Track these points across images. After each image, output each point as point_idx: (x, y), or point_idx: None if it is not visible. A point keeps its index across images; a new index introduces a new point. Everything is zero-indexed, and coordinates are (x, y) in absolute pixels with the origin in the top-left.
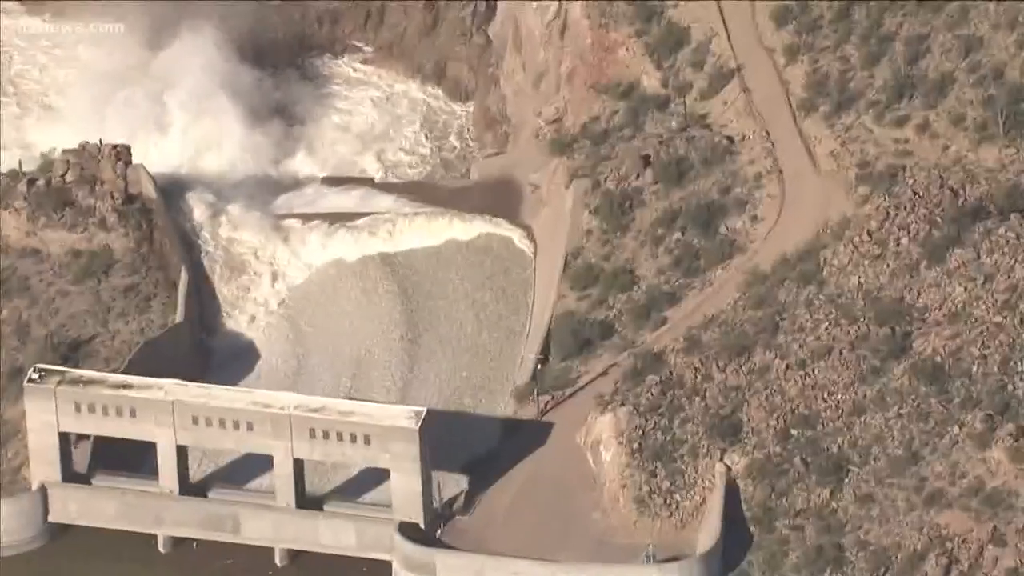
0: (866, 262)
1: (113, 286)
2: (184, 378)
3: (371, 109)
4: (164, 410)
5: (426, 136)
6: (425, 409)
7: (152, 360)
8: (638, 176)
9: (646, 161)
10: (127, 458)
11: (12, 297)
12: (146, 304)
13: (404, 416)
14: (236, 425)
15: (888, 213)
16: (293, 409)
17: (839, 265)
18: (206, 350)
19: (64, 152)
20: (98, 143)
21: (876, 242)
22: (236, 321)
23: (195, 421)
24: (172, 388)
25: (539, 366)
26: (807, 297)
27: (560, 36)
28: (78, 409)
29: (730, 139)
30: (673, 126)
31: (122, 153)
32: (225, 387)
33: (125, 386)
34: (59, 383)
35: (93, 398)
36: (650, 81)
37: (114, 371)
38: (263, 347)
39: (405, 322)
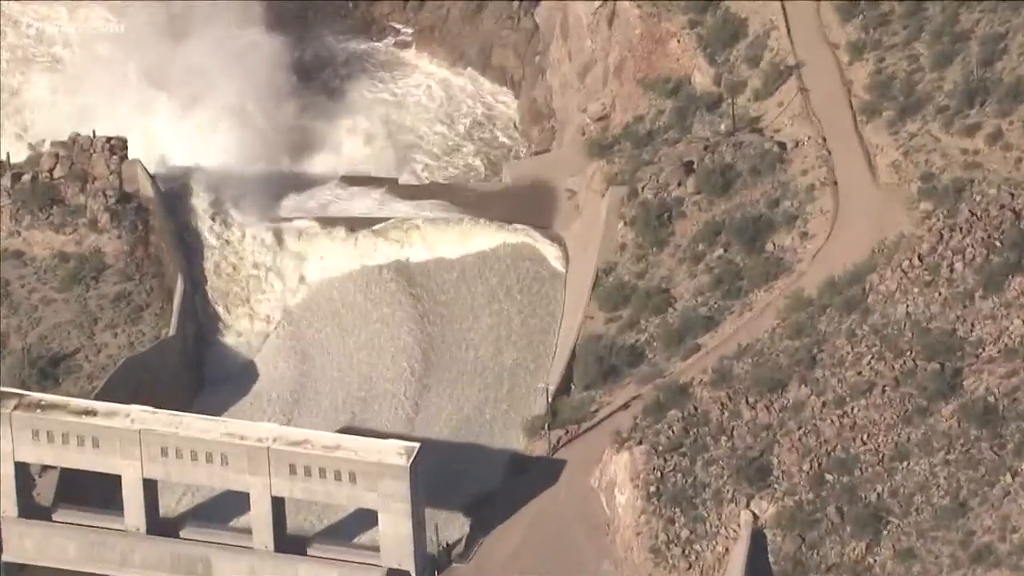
0: (915, 289)
1: (102, 294)
2: (173, 399)
3: (406, 99)
4: (130, 440)
5: (466, 130)
6: (418, 445)
7: (136, 379)
8: (679, 185)
9: (688, 168)
10: (97, 491)
11: None
12: (138, 315)
13: (394, 452)
14: (209, 458)
15: (941, 235)
16: (272, 442)
17: (886, 292)
18: (199, 368)
19: (53, 144)
20: (91, 135)
21: (927, 267)
22: (234, 336)
23: (164, 453)
24: (139, 415)
25: (548, 397)
26: (849, 327)
27: (608, 25)
28: (36, 437)
29: (782, 146)
30: (722, 129)
31: (117, 146)
32: (198, 415)
33: (88, 412)
34: (15, 407)
35: (52, 425)
36: (701, 78)
37: (95, 389)
38: (262, 366)
39: (418, 341)
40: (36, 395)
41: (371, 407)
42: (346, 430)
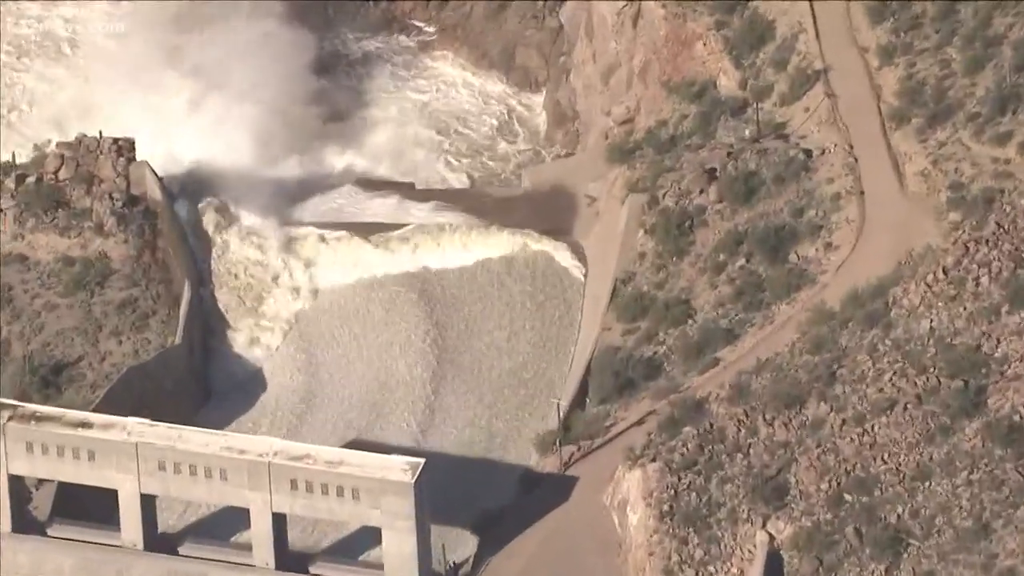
0: (940, 304)
1: (107, 300)
2: (177, 410)
3: (426, 100)
4: (127, 453)
5: (488, 132)
6: (422, 461)
7: (138, 389)
8: (701, 192)
9: (711, 176)
10: (96, 505)
11: None
12: (143, 322)
13: (398, 468)
14: (208, 473)
15: (967, 248)
16: (273, 456)
17: (909, 306)
18: (205, 378)
19: (58, 145)
20: (97, 135)
21: (952, 281)
22: (243, 345)
23: (162, 467)
24: (137, 428)
25: (560, 412)
26: (871, 342)
27: (633, 25)
28: (30, 449)
29: (808, 153)
30: (746, 135)
31: (124, 147)
32: (197, 429)
33: (84, 424)
34: (9, 419)
35: (46, 437)
36: (727, 81)
37: (98, 399)
38: (270, 375)
39: (431, 351)
40: (31, 406)
41: (381, 419)
42: (355, 442)
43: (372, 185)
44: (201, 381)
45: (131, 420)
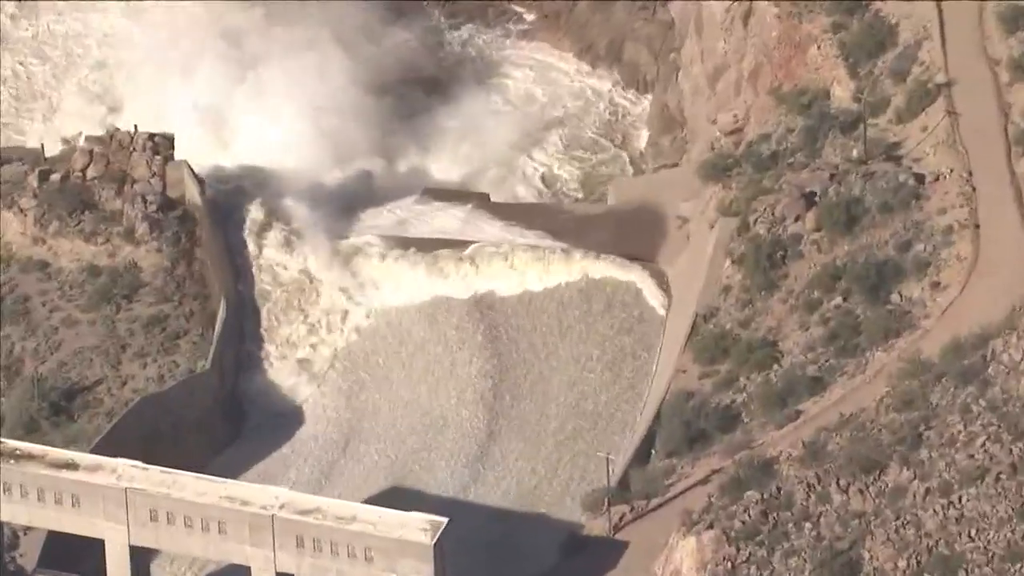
0: None
1: (134, 316)
2: (199, 447)
3: (520, 98)
4: (115, 500)
5: (589, 137)
6: (445, 520)
7: (152, 424)
8: (797, 219)
9: (809, 200)
10: (90, 555)
11: (5, 322)
12: (172, 343)
13: (417, 527)
14: (205, 525)
15: None
16: (278, 509)
17: (1009, 362)
18: (237, 409)
19: (87, 139)
20: (131, 129)
21: None
22: (283, 373)
23: (154, 516)
24: (127, 472)
25: (610, 468)
26: (964, 401)
27: (744, 24)
28: (8, 492)
29: (920, 178)
30: (854, 156)
31: (161, 144)
32: (195, 475)
33: (69, 465)
34: None
35: (26, 479)
36: (841, 92)
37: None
38: (310, 409)
39: (488, 387)
40: (11, 443)
41: (426, 463)
42: (393, 490)
43: (442, 195)
44: (231, 413)
45: (121, 462)
